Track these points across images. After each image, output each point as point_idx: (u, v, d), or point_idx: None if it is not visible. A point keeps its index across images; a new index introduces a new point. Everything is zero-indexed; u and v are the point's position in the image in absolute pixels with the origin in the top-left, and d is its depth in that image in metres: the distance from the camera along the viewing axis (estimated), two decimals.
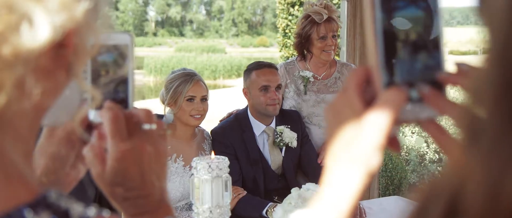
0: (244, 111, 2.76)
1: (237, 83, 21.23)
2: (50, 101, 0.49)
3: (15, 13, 0.42)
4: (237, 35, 77.66)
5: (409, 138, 5.34)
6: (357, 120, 0.54)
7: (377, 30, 0.55)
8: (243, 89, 2.75)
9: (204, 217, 1.61)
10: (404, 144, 5.18)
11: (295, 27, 3.06)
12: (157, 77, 24.64)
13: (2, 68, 0.42)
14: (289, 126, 2.72)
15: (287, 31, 12.23)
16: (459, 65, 0.54)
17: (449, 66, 0.55)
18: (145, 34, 78.47)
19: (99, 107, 0.66)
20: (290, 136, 2.69)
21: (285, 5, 12.21)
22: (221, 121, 2.83)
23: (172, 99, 2.45)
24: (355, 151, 0.54)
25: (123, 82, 0.69)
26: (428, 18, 0.55)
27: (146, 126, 0.68)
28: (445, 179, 0.39)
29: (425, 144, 5.32)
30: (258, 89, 2.62)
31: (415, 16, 0.56)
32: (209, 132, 2.73)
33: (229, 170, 1.68)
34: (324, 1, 2.85)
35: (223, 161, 1.64)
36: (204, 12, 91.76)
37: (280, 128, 2.70)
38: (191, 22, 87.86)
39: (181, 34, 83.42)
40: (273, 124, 2.73)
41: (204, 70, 24.62)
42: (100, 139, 0.67)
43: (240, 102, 3.05)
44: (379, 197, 3.62)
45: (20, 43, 0.42)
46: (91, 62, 0.67)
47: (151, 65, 25.64)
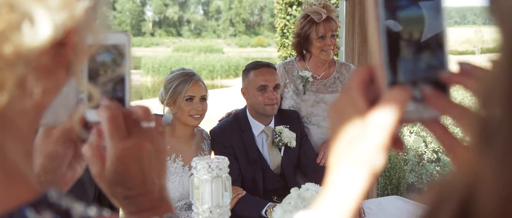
0: (243, 111, 2.76)
1: (235, 83, 21.23)
2: (50, 100, 0.49)
3: (17, 12, 0.42)
4: (235, 35, 77.66)
5: (408, 138, 5.35)
6: (361, 120, 0.54)
7: (381, 29, 0.55)
8: (242, 89, 2.75)
9: (204, 217, 1.61)
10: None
11: (294, 27, 3.06)
12: (155, 77, 24.64)
13: (4, 67, 0.42)
14: (288, 126, 2.71)
15: (285, 31, 12.22)
16: (462, 65, 0.54)
17: (452, 66, 0.55)
18: (143, 34, 78.43)
19: (97, 106, 0.65)
20: (289, 136, 2.69)
21: (283, 5, 12.21)
22: (220, 121, 2.83)
23: (171, 99, 2.45)
24: (359, 151, 0.54)
25: (120, 82, 0.68)
26: (431, 17, 0.55)
27: (145, 124, 0.68)
28: (456, 181, 0.39)
29: (424, 144, 5.33)
30: (256, 89, 2.62)
31: (418, 15, 0.55)
32: (208, 132, 2.72)
33: (229, 170, 1.68)
34: (323, 1, 2.84)
35: (223, 161, 1.64)
36: (202, 12, 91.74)
37: (279, 128, 2.70)
38: (189, 22, 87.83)
39: (179, 34, 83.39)
40: (272, 124, 2.73)
41: (202, 70, 24.62)
42: (99, 137, 0.67)
43: (238, 102, 3.05)
44: (378, 197, 3.62)
45: (22, 42, 0.42)
46: (88, 62, 0.66)
47: (149, 65, 25.62)
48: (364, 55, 3.59)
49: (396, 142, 0.55)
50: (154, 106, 2.22)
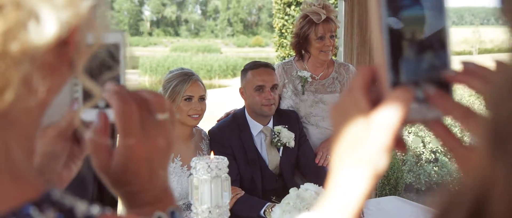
0: (242, 111, 2.76)
1: (233, 83, 21.22)
2: (53, 98, 0.49)
3: (23, 10, 0.42)
4: (233, 35, 77.62)
5: (406, 138, 5.35)
6: (364, 120, 0.54)
7: (383, 29, 0.54)
8: (240, 89, 2.75)
9: (203, 217, 1.61)
10: None
11: (292, 27, 3.07)
12: (153, 77, 24.60)
13: (10, 65, 0.42)
14: (287, 126, 2.71)
15: (284, 31, 12.22)
16: (466, 64, 0.54)
17: (455, 65, 0.55)
18: (140, 34, 78.31)
19: (95, 106, 0.64)
20: (288, 136, 2.69)
21: (282, 5, 12.20)
22: (219, 121, 2.83)
23: (170, 99, 2.45)
24: (362, 152, 0.53)
25: (116, 81, 0.68)
26: (434, 17, 0.55)
27: (160, 116, 0.63)
28: (467, 185, 0.38)
29: (422, 144, 5.34)
30: (254, 89, 2.62)
31: (421, 15, 0.55)
32: (206, 132, 2.72)
33: (228, 170, 1.68)
34: (322, 1, 2.84)
35: (222, 161, 1.63)
36: (200, 12, 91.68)
37: (278, 128, 2.70)
38: (187, 22, 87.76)
39: (177, 34, 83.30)
40: (271, 124, 2.73)
41: (200, 70, 24.60)
42: (103, 129, 0.63)
43: (236, 102, 3.04)
44: (376, 197, 3.62)
45: (28, 40, 0.42)
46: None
47: (146, 65, 25.58)
48: (363, 56, 3.60)
49: (399, 143, 0.55)
50: None
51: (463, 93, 5.32)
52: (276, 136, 2.68)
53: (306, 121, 2.95)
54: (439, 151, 5.41)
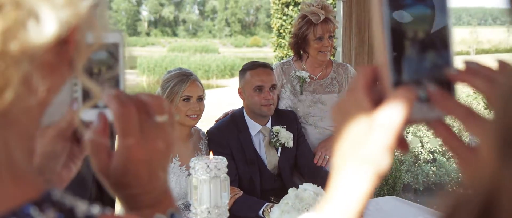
0: (240, 111, 2.76)
1: (230, 83, 21.21)
2: (53, 98, 0.49)
3: (22, 9, 0.42)
4: (230, 35, 77.60)
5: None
6: (366, 120, 0.54)
7: (385, 28, 0.54)
8: (238, 89, 2.74)
9: (202, 217, 1.60)
10: None
11: (290, 27, 3.07)
12: (150, 77, 24.58)
13: (10, 65, 0.42)
14: (285, 126, 2.71)
15: (282, 31, 12.22)
16: (469, 64, 0.54)
17: (458, 65, 0.55)
18: (138, 34, 78.23)
19: (94, 106, 0.64)
20: (286, 136, 2.69)
21: (280, 5, 12.20)
22: (217, 121, 2.83)
23: (168, 99, 2.44)
24: (365, 152, 0.53)
25: (115, 81, 0.67)
26: (436, 16, 0.55)
27: (159, 119, 0.63)
28: (475, 189, 0.38)
29: (420, 144, 5.34)
30: (252, 89, 2.62)
31: (423, 14, 0.55)
32: (205, 132, 2.72)
33: (227, 171, 1.67)
34: (321, 2, 2.84)
35: (222, 161, 1.63)
36: (197, 12, 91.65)
37: (276, 128, 2.69)
38: (184, 22, 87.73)
39: (174, 34, 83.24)
40: (269, 124, 2.73)
41: (197, 70, 24.56)
42: (102, 130, 0.63)
43: (234, 102, 3.04)
44: (374, 197, 3.62)
45: (27, 39, 0.42)
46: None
47: (144, 65, 25.55)
48: (361, 56, 3.60)
49: (401, 143, 0.55)
50: None
51: (461, 94, 5.32)
52: (275, 136, 2.68)
53: (305, 121, 2.94)
54: (437, 151, 5.41)
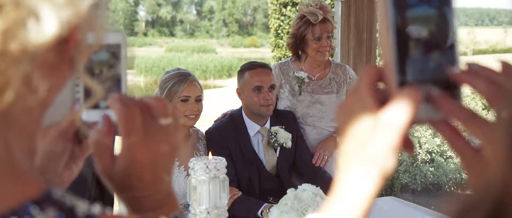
0: (239, 112, 2.75)
1: (228, 83, 21.21)
2: (54, 98, 0.49)
3: (22, 9, 0.41)
4: (228, 35, 77.66)
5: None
6: (371, 120, 0.53)
7: (391, 29, 0.54)
8: (237, 89, 2.74)
9: None
10: None
11: (288, 28, 3.07)
12: (148, 77, 24.58)
13: (10, 64, 0.41)
14: (284, 127, 2.71)
15: (280, 32, 12.21)
16: (471, 65, 0.54)
17: (462, 66, 0.54)
18: (136, 34, 78.24)
19: (95, 106, 0.64)
20: (285, 137, 2.69)
21: (278, 6, 12.19)
22: (216, 122, 2.82)
23: (167, 99, 2.43)
24: (370, 152, 0.53)
25: (116, 81, 0.67)
26: (441, 17, 0.55)
27: (163, 121, 0.62)
28: (484, 191, 0.38)
29: (418, 145, 5.35)
30: (251, 90, 2.61)
31: (428, 14, 0.55)
32: (203, 132, 2.71)
33: (227, 171, 1.67)
34: (319, 2, 2.84)
35: (221, 162, 1.63)
36: (195, 12, 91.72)
37: (275, 129, 2.69)
38: (182, 22, 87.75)
39: (172, 34, 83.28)
40: (268, 125, 2.73)
41: (195, 70, 24.56)
42: (107, 132, 0.63)
43: (232, 102, 3.03)
44: None
45: (27, 39, 0.42)
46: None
47: (142, 65, 25.55)
48: (359, 56, 3.60)
49: (407, 143, 0.54)
50: None
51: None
52: (273, 137, 2.68)
53: (303, 122, 2.94)
54: (435, 152, 5.42)
